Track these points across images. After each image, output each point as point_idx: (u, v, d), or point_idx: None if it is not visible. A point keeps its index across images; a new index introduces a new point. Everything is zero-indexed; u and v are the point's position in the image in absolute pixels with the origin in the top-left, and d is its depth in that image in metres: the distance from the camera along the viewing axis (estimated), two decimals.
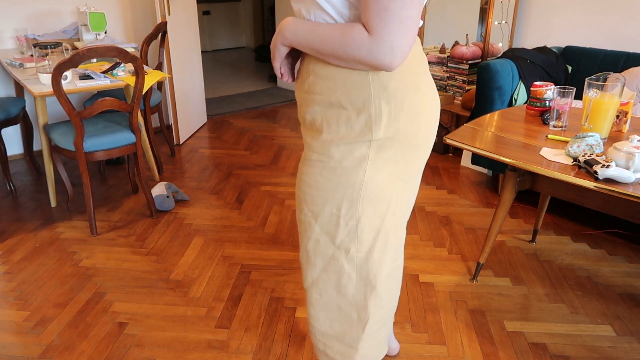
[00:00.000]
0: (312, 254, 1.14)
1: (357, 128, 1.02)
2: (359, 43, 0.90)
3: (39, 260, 2.32)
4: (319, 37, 0.96)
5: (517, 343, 1.81)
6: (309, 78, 1.05)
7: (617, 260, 2.31)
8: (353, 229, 1.08)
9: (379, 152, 1.03)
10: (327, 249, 1.11)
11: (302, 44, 1.00)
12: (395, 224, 1.13)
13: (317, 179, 1.07)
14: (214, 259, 2.34)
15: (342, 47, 0.93)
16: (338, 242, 1.10)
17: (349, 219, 1.07)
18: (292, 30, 1.01)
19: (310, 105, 1.06)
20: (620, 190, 1.45)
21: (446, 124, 3.51)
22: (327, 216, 1.08)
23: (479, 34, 3.60)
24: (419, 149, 1.08)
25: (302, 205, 1.12)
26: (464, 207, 2.81)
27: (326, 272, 1.14)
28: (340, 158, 1.04)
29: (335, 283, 1.14)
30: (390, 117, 1.01)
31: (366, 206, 1.06)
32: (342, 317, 1.18)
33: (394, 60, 0.90)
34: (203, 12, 7.76)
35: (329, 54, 0.96)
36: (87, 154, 2.45)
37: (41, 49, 2.75)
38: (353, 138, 1.02)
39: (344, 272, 1.12)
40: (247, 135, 4.02)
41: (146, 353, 1.77)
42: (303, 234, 1.14)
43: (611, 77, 1.78)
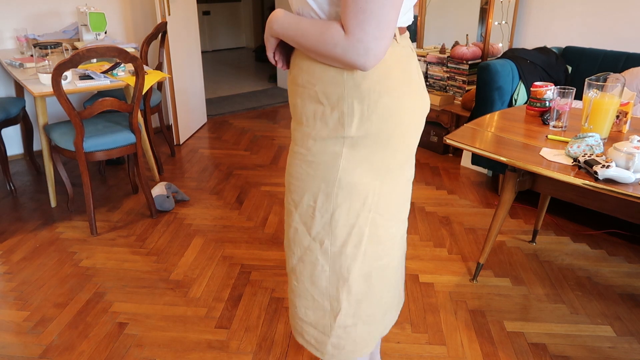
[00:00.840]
0: (292, 242, 1.19)
1: (331, 124, 1.05)
2: (335, 41, 0.92)
3: (39, 261, 2.32)
4: (301, 32, 0.99)
5: (517, 343, 1.81)
6: (294, 70, 1.09)
7: (617, 260, 2.31)
8: (327, 222, 1.12)
9: (352, 149, 1.06)
10: (304, 238, 1.16)
11: (287, 37, 1.04)
12: (373, 222, 1.15)
13: (298, 170, 1.11)
14: (214, 259, 2.34)
15: (320, 44, 0.95)
16: (314, 233, 1.14)
17: (324, 212, 1.11)
18: (279, 22, 1.05)
19: (294, 96, 1.10)
20: (620, 191, 1.45)
21: (446, 124, 3.51)
22: (305, 207, 1.13)
23: (479, 34, 3.60)
24: (393, 149, 1.09)
25: (287, 193, 1.17)
26: (464, 208, 2.81)
27: (302, 262, 1.18)
28: (317, 152, 1.07)
29: (310, 273, 1.18)
30: (362, 117, 1.03)
31: (340, 201, 1.09)
32: (316, 306, 1.21)
33: (367, 62, 0.92)
34: (203, 12, 7.76)
35: (309, 49, 1.00)
36: (87, 154, 2.45)
37: (41, 49, 2.75)
38: (327, 133, 1.06)
39: (317, 263, 1.16)
40: (247, 136, 4.03)
41: (146, 353, 1.77)
42: (286, 220, 1.19)
43: (611, 78, 1.78)
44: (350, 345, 1.25)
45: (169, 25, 3.48)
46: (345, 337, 1.24)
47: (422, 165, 3.40)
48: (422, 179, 3.18)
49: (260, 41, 8.17)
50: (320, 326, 1.23)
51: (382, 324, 1.31)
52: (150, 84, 2.67)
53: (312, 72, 1.04)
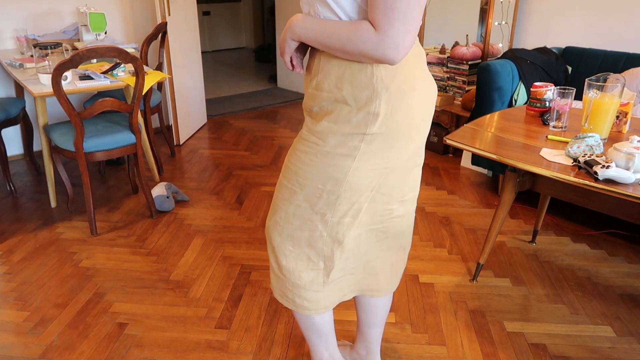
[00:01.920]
0: (292, 215, 1.27)
1: (354, 122, 1.12)
2: (366, 39, 0.99)
3: (39, 261, 2.32)
4: (327, 33, 1.06)
5: (517, 343, 1.81)
6: (318, 76, 1.15)
7: (617, 260, 2.31)
8: (332, 202, 1.22)
9: (370, 144, 1.14)
10: (306, 212, 1.26)
11: (311, 39, 1.10)
12: (373, 199, 1.25)
13: (312, 159, 1.19)
14: (214, 259, 2.34)
15: (350, 42, 1.02)
16: (317, 208, 1.24)
17: (330, 194, 1.21)
18: (301, 26, 1.11)
19: (318, 100, 1.17)
20: (620, 191, 1.45)
21: (446, 124, 3.51)
22: (312, 189, 1.22)
23: (479, 35, 3.60)
24: (408, 141, 1.18)
25: (291, 175, 1.25)
26: (464, 208, 2.81)
27: (301, 230, 1.28)
28: (335, 145, 1.15)
29: (308, 238, 1.29)
30: (386, 116, 1.11)
31: (348, 187, 1.19)
32: (311, 267, 1.32)
33: (398, 55, 0.99)
34: (203, 12, 7.76)
35: (337, 49, 1.06)
36: (87, 154, 2.45)
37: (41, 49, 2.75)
38: (349, 131, 1.13)
39: (316, 230, 1.26)
40: (247, 136, 4.03)
41: (146, 353, 1.77)
42: (285, 198, 1.28)
43: (611, 78, 1.78)
44: (337, 291, 1.39)
45: (169, 25, 3.48)
46: (335, 286, 1.37)
47: (422, 165, 3.40)
48: (422, 179, 3.18)
49: (260, 41, 8.17)
50: (315, 285, 1.35)
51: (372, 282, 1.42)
52: (150, 84, 2.67)
53: (341, 77, 1.11)
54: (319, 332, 1.49)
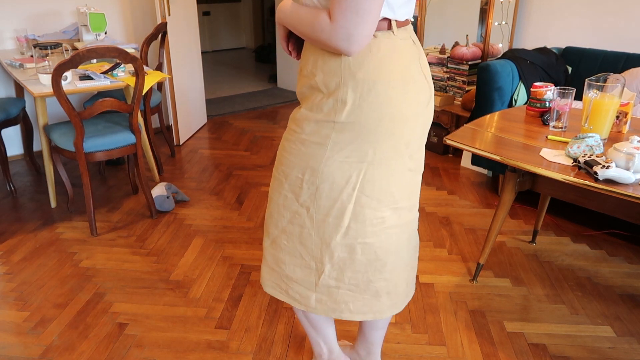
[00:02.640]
0: (282, 207, 1.30)
1: (325, 109, 1.16)
2: (322, 27, 1.04)
3: (39, 261, 2.32)
4: (297, 18, 1.12)
5: (517, 344, 1.81)
6: (302, 61, 1.22)
7: (617, 261, 2.31)
8: (313, 193, 1.23)
9: (340, 133, 1.16)
10: (293, 204, 1.28)
11: (287, 23, 1.17)
12: (358, 201, 1.22)
13: (292, 146, 1.23)
14: (214, 259, 2.34)
15: (311, 29, 1.07)
16: (301, 201, 1.26)
17: (310, 184, 1.23)
18: (282, 10, 1.19)
19: (301, 86, 1.22)
20: (620, 191, 1.45)
21: (446, 124, 3.51)
22: (294, 179, 1.25)
23: (479, 35, 3.60)
24: (385, 136, 1.16)
25: (278, 164, 1.30)
26: (464, 208, 2.81)
27: (292, 224, 1.30)
28: (310, 132, 1.19)
29: (299, 234, 1.30)
30: (353, 104, 1.12)
31: (324, 178, 1.21)
32: (304, 265, 1.33)
33: (350, 46, 1.03)
34: (203, 12, 7.76)
35: (304, 35, 1.11)
36: (87, 154, 2.45)
37: (41, 49, 2.75)
38: (320, 118, 1.17)
39: (305, 226, 1.28)
40: (247, 136, 4.03)
41: (146, 353, 1.77)
42: (275, 189, 1.31)
43: (611, 78, 1.78)
44: (331, 303, 1.36)
45: (169, 25, 3.48)
46: (328, 295, 1.36)
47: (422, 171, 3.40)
48: (422, 179, 3.18)
49: (260, 41, 8.17)
50: (307, 283, 1.35)
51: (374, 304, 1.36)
52: (150, 85, 2.67)
53: (315, 63, 1.15)
54: (314, 326, 1.51)
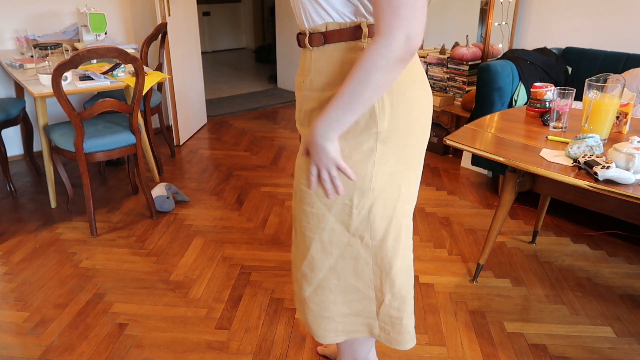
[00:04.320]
0: (328, 243, 1.18)
1: (362, 121, 1.07)
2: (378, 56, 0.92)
3: (39, 261, 2.32)
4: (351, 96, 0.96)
5: (517, 344, 1.81)
6: (310, 75, 1.10)
7: (617, 261, 2.31)
8: (365, 217, 1.14)
9: (385, 144, 1.09)
10: (343, 236, 1.17)
11: (347, 119, 1.00)
12: (407, 214, 1.19)
13: None
14: (214, 260, 2.34)
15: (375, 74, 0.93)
16: (352, 229, 1.16)
17: (361, 208, 1.13)
18: (327, 125, 1.01)
19: (313, 102, 1.11)
20: (620, 192, 1.45)
21: (446, 125, 3.51)
22: (340, 206, 1.13)
23: (479, 35, 3.60)
24: (418, 135, 1.15)
25: (312, 199, 1.15)
26: (464, 208, 2.81)
27: (343, 258, 1.19)
28: (350, 152, 1.08)
29: (353, 267, 1.20)
30: (392, 108, 1.07)
31: (376, 195, 1.12)
32: (362, 297, 1.25)
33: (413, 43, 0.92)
34: (203, 13, 7.76)
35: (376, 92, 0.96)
36: (87, 154, 2.45)
37: (41, 49, 2.75)
38: (359, 132, 1.07)
39: (360, 257, 1.18)
40: (247, 136, 4.03)
41: (146, 354, 1.77)
42: (316, 226, 1.17)
43: (611, 78, 1.78)
44: (395, 334, 1.31)
45: (169, 26, 3.48)
46: (391, 325, 1.29)
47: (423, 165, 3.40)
48: (422, 179, 3.18)
49: (260, 42, 8.17)
50: (367, 313, 1.28)
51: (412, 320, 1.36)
52: (150, 85, 2.67)
53: (338, 73, 1.06)
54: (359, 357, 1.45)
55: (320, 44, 1.07)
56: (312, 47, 1.09)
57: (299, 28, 1.11)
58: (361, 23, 1.03)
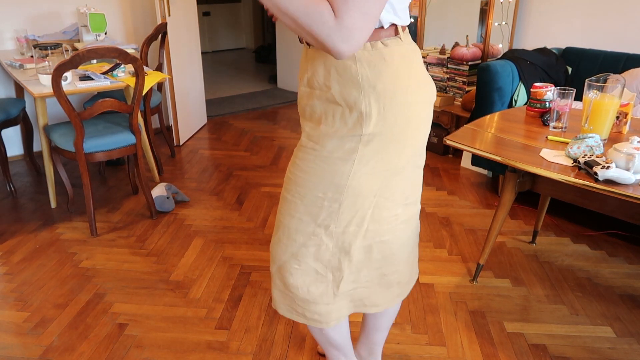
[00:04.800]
0: (294, 231, 1.24)
1: (350, 123, 1.11)
2: (324, 21, 0.90)
3: (39, 261, 2.32)
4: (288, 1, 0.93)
5: (517, 344, 1.81)
6: (308, 72, 1.14)
7: (617, 261, 2.31)
8: (335, 210, 1.19)
9: (367, 145, 1.13)
10: (308, 226, 1.22)
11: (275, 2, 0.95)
12: (377, 205, 1.22)
13: (310, 165, 1.17)
14: (214, 260, 2.34)
15: (306, 16, 0.91)
16: (319, 221, 1.21)
17: (332, 202, 1.18)
18: None
19: (311, 98, 1.15)
20: (620, 192, 1.45)
21: (446, 125, 3.51)
22: (312, 199, 1.19)
23: (479, 35, 3.60)
24: (406, 142, 1.17)
25: (290, 186, 1.22)
26: (464, 208, 2.81)
27: (306, 247, 1.25)
28: (332, 149, 1.14)
29: (314, 252, 1.25)
30: (379, 115, 1.09)
31: (351, 193, 1.17)
32: (319, 280, 1.29)
33: (347, 49, 0.92)
34: (203, 13, 7.76)
35: (291, 17, 0.93)
36: (87, 154, 2.45)
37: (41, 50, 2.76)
38: (345, 132, 1.12)
39: (322, 243, 1.24)
40: (247, 137, 4.03)
41: (146, 354, 1.77)
42: (286, 211, 1.24)
43: (611, 79, 1.78)
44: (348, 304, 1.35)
45: (169, 26, 3.48)
46: (346, 298, 1.34)
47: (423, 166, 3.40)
48: (422, 180, 3.18)
49: (260, 42, 8.17)
50: (325, 297, 1.31)
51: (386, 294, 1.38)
52: (150, 85, 2.67)
53: (328, 74, 1.10)
54: (334, 343, 1.47)
55: None
56: (308, 46, 1.13)
57: None
58: None
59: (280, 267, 1.31)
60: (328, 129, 1.13)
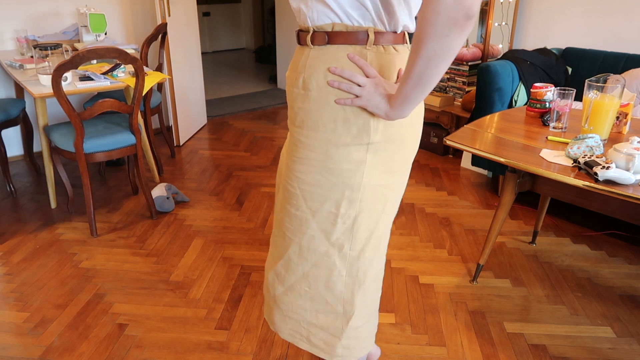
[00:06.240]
0: (306, 249, 1.16)
1: (354, 130, 1.03)
2: (425, 27, 0.84)
3: (39, 262, 2.32)
4: (429, 70, 0.89)
5: (517, 344, 1.81)
6: (305, 73, 1.05)
7: (617, 261, 2.31)
8: (349, 227, 1.11)
9: (375, 154, 1.06)
10: (321, 245, 1.14)
11: (417, 97, 0.95)
12: (388, 224, 1.18)
13: (317, 178, 1.08)
14: (214, 260, 2.34)
15: (429, 44, 0.85)
16: (333, 239, 1.13)
17: (346, 218, 1.10)
18: (398, 104, 0.97)
19: (306, 102, 1.06)
20: (620, 192, 1.45)
21: (446, 125, 3.51)
22: (325, 214, 1.10)
23: (479, 36, 3.61)
24: (408, 148, 1.12)
25: (298, 202, 1.12)
26: (464, 209, 2.81)
27: (317, 267, 1.17)
28: (339, 159, 1.05)
29: (325, 278, 1.17)
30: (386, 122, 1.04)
31: (364, 207, 1.09)
32: (328, 310, 1.22)
33: (464, 2, 0.81)
34: (203, 13, 7.77)
35: (432, 68, 0.89)
36: (87, 155, 2.45)
37: (41, 50, 2.76)
38: (350, 140, 1.04)
39: (334, 268, 1.16)
40: (247, 137, 4.03)
41: (146, 354, 1.77)
42: (297, 229, 1.15)
43: (611, 79, 1.78)
44: (360, 344, 1.28)
45: (169, 26, 3.48)
46: (356, 337, 1.26)
47: (422, 166, 3.40)
48: (422, 180, 3.18)
49: (260, 42, 8.17)
50: (332, 329, 1.24)
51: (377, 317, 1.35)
52: (150, 85, 2.67)
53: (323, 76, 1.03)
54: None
55: (323, 44, 1.03)
56: (312, 46, 1.05)
57: (301, 25, 1.07)
58: (369, 29, 1.00)
59: (289, 289, 1.22)
60: (328, 135, 1.04)
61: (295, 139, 1.10)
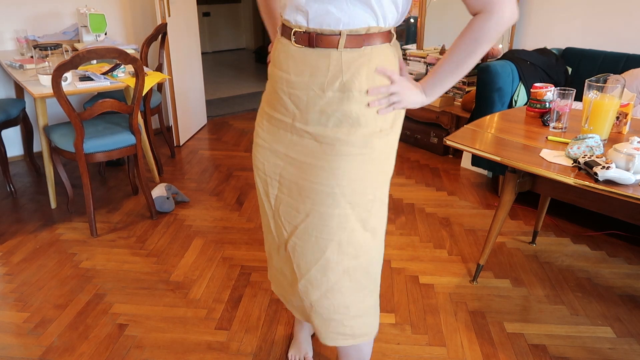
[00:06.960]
0: (346, 244, 1.18)
1: (390, 119, 1.14)
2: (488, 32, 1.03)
3: (39, 262, 2.32)
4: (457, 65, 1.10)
5: (517, 344, 1.81)
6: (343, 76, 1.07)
7: (617, 261, 2.31)
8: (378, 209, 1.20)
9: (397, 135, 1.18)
10: (360, 235, 1.20)
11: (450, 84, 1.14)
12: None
13: (359, 172, 1.13)
14: (214, 260, 2.34)
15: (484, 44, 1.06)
16: (369, 226, 1.20)
17: (381, 203, 1.19)
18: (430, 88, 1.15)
19: (344, 103, 1.09)
20: (620, 192, 1.45)
21: (446, 125, 3.51)
22: (364, 204, 1.16)
23: None
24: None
25: (336, 200, 1.13)
26: (464, 209, 2.81)
27: (357, 259, 1.21)
28: (381, 149, 1.14)
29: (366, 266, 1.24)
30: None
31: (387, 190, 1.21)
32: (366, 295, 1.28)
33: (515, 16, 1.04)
34: (203, 13, 7.76)
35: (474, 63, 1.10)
36: (87, 155, 2.45)
37: (41, 50, 2.76)
38: (389, 129, 1.14)
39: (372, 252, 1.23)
40: (247, 137, 4.03)
41: (146, 354, 1.77)
42: (337, 227, 1.16)
43: (611, 79, 1.78)
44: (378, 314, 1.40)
45: (169, 26, 3.48)
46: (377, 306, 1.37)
47: (422, 166, 3.40)
48: (422, 180, 3.18)
49: (260, 42, 8.17)
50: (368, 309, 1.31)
51: None
52: (150, 85, 2.67)
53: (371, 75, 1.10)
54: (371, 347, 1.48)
55: (358, 46, 1.06)
56: (343, 49, 1.06)
57: (318, 28, 1.06)
58: (392, 28, 1.11)
59: (329, 290, 1.23)
60: (371, 129, 1.11)
61: (331, 139, 1.11)
